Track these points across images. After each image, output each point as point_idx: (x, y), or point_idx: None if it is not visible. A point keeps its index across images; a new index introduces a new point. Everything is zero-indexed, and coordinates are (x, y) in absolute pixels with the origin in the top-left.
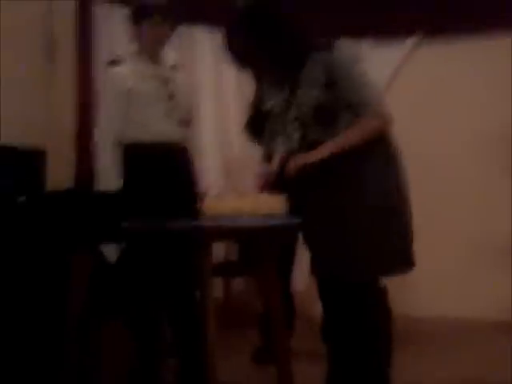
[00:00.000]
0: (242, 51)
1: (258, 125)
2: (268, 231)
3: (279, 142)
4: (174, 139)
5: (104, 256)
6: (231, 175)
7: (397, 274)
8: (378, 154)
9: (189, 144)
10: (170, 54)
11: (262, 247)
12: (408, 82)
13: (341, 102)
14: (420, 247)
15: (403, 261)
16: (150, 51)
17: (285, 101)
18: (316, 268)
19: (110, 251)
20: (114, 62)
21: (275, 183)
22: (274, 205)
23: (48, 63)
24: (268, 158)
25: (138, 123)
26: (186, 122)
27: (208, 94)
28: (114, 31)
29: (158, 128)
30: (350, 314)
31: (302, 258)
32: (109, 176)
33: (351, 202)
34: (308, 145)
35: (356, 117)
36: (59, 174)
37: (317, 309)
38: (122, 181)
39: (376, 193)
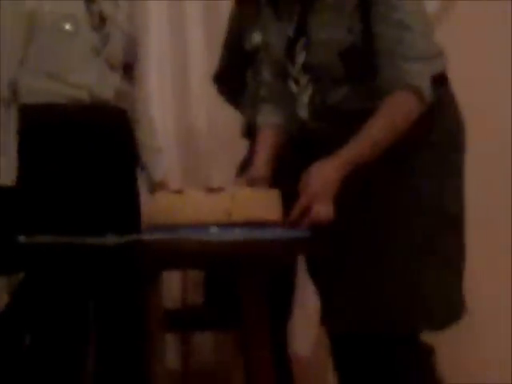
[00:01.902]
0: None
1: (235, 74)
2: (256, 251)
3: (271, 109)
4: (103, 95)
5: None
6: (195, 157)
7: (449, 326)
8: (432, 146)
9: (128, 104)
10: None
11: (244, 279)
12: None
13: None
14: None
15: (458, 307)
16: None
17: (287, 37)
18: (331, 317)
19: None
20: None
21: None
22: (263, 205)
23: None
24: (249, 132)
25: (43, 67)
26: (126, 66)
27: (162, 27)
28: None
29: (76, 76)
30: None
31: (306, 301)
32: None
33: (390, 219)
34: (325, 115)
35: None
36: None
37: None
38: (16, 168)
39: (428, 207)
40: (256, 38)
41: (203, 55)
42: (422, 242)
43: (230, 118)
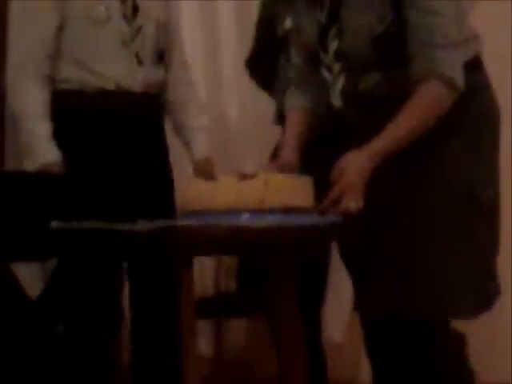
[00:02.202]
0: None
1: (267, 59)
2: (288, 237)
3: (300, 93)
4: (131, 88)
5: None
6: (228, 144)
7: (479, 314)
8: (464, 131)
9: (158, 90)
10: None
11: (276, 265)
12: None
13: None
14: None
15: (488, 295)
16: None
17: (320, 24)
18: (364, 303)
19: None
20: None
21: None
22: (296, 192)
23: None
24: (281, 118)
25: (72, 55)
26: (157, 56)
27: (193, 13)
28: None
29: (104, 66)
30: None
31: (339, 287)
32: (35, 145)
33: (420, 207)
34: (356, 101)
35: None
36: None
37: (363, 370)
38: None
39: (458, 194)
40: (288, 22)
41: (235, 42)
42: (452, 229)
43: (262, 105)
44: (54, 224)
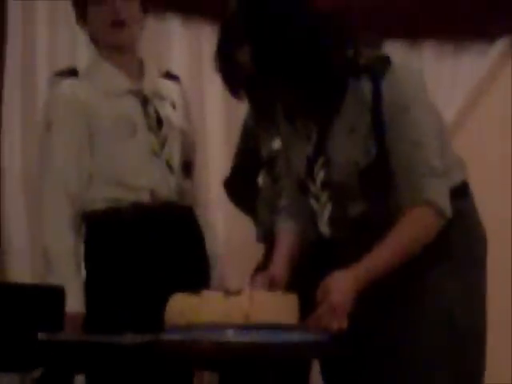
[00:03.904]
0: (245, 65)
1: (248, 182)
2: (272, 354)
3: (293, 218)
4: (165, 197)
5: None
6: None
7: None
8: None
9: (191, 202)
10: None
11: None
12: (494, 107)
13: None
14: None
15: None
16: (112, 45)
17: (306, 156)
18: None
19: None
20: (62, 75)
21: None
22: (281, 309)
23: None
24: (265, 237)
25: (101, 173)
26: (184, 165)
27: (220, 120)
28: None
29: (136, 178)
30: None
31: None
32: (62, 264)
33: (401, 334)
34: (345, 227)
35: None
36: None
37: None
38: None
39: (436, 322)
40: (276, 144)
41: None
42: (435, 356)
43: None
44: (41, 336)
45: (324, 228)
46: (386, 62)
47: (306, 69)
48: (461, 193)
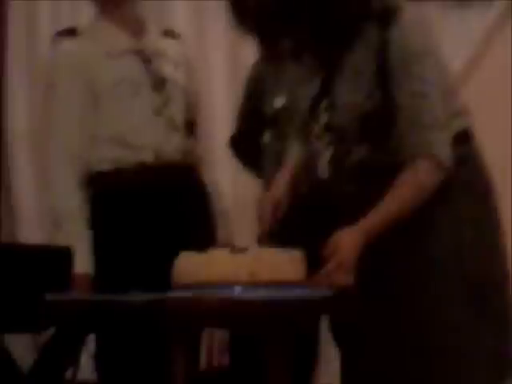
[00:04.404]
0: (254, 7)
1: (253, 138)
2: (279, 310)
3: (301, 146)
4: (168, 155)
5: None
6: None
7: None
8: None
9: (196, 160)
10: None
11: (268, 339)
12: (495, 65)
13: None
14: None
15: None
16: (115, 5)
17: (311, 98)
18: (354, 380)
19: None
20: (64, 35)
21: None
22: (287, 266)
23: None
24: None
25: (104, 133)
26: (188, 124)
27: (224, 78)
28: None
29: (139, 137)
30: None
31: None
32: (70, 224)
33: (407, 286)
34: (345, 175)
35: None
36: None
37: None
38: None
39: (442, 271)
40: (279, 101)
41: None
42: (445, 305)
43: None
44: (49, 296)
45: (323, 171)
46: (397, 10)
47: (319, 5)
48: (463, 140)
